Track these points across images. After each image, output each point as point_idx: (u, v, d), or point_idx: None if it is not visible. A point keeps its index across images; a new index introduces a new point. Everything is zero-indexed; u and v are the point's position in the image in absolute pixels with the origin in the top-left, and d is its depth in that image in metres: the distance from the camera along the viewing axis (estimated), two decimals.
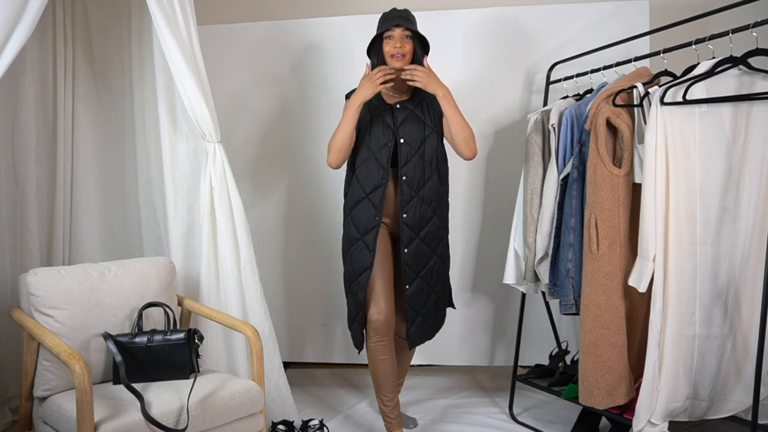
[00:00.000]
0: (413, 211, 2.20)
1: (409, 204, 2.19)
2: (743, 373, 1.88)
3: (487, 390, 2.97)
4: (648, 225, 1.87)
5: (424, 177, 2.20)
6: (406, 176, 2.18)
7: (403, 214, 2.19)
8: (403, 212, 2.19)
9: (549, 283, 2.35)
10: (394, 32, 2.17)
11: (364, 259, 2.21)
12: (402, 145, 2.19)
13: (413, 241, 2.21)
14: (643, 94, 2.00)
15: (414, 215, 2.20)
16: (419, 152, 2.20)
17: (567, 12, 2.90)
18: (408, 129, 2.20)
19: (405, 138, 2.19)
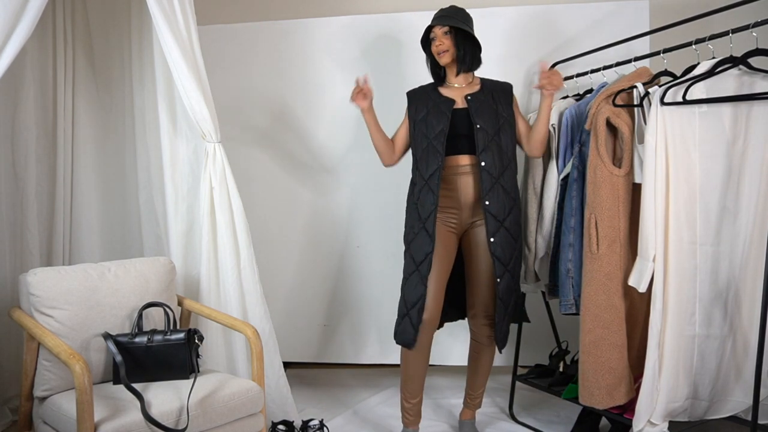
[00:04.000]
0: (496, 198, 2.16)
1: (491, 191, 2.16)
2: (743, 373, 1.88)
3: (487, 390, 2.96)
4: (648, 225, 1.87)
5: (502, 164, 2.19)
6: (484, 162, 2.15)
7: (486, 201, 2.15)
8: (485, 200, 2.15)
9: (549, 283, 2.35)
10: (435, 32, 2.26)
11: (426, 246, 2.17)
12: (479, 131, 2.18)
13: (500, 229, 2.17)
14: (643, 94, 2.00)
15: (497, 202, 2.16)
16: (495, 140, 2.18)
17: (567, 12, 2.90)
18: (485, 116, 2.20)
19: (482, 124, 2.18)
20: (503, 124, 2.22)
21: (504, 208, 2.18)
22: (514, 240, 2.22)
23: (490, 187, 2.16)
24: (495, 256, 2.16)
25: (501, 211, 2.17)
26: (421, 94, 2.34)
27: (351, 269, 3.09)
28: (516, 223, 2.23)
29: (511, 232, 2.20)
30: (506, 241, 2.18)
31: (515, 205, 2.22)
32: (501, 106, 2.25)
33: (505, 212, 2.18)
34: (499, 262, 2.17)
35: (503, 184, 2.18)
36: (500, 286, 2.17)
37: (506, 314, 2.22)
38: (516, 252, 2.23)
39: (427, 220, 2.18)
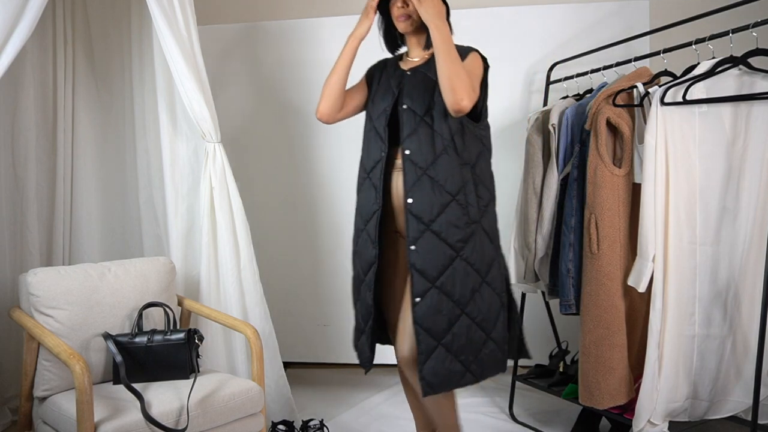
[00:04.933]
0: (420, 194, 1.71)
1: (416, 186, 1.71)
2: (743, 373, 1.88)
3: (487, 390, 2.97)
4: (648, 225, 1.87)
5: (433, 151, 1.71)
6: (409, 150, 1.73)
7: (408, 200, 1.71)
8: (407, 197, 1.71)
9: (549, 283, 2.35)
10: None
11: (368, 253, 1.81)
12: (404, 111, 1.76)
13: (423, 234, 1.70)
14: (644, 94, 2.00)
15: (422, 199, 1.70)
16: (426, 120, 1.73)
17: (567, 12, 2.90)
18: (415, 93, 1.77)
19: (409, 103, 1.76)
20: (439, 100, 1.72)
21: (431, 207, 1.70)
22: (452, 248, 1.70)
23: (415, 180, 1.71)
24: (414, 268, 1.69)
25: (427, 211, 1.70)
26: (382, 65, 1.98)
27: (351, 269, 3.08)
28: (454, 226, 1.70)
29: (444, 237, 1.70)
30: (434, 250, 1.69)
31: (453, 204, 1.71)
32: None
33: (433, 212, 1.70)
34: (420, 276, 1.68)
35: (433, 175, 1.71)
36: (418, 307, 1.68)
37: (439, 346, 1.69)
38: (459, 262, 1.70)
39: (369, 222, 1.81)
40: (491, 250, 1.78)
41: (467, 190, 1.74)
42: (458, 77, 1.63)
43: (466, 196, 1.73)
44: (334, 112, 1.90)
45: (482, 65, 1.81)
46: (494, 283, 1.77)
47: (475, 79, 1.74)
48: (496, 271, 1.78)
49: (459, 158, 1.74)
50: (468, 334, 1.71)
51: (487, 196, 1.81)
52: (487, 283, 1.74)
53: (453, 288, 1.69)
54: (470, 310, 1.71)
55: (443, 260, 1.69)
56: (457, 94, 1.61)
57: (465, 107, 1.61)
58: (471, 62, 1.77)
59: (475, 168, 1.77)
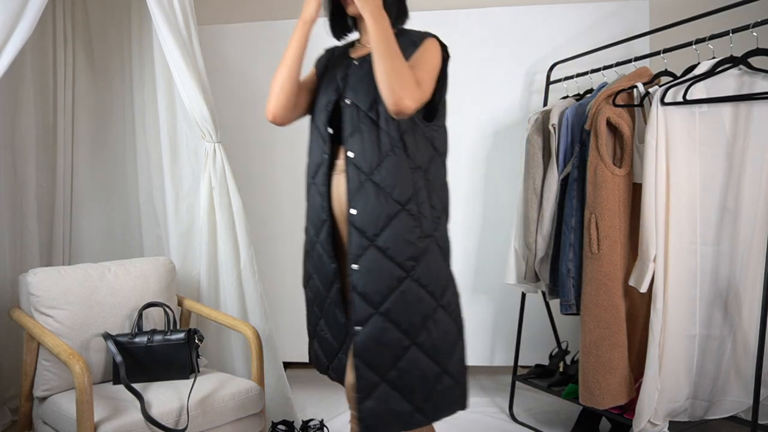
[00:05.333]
0: (364, 203, 1.44)
1: (359, 193, 1.45)
2: (743, 373, 1.88)
3: (487, 390, 2.97)
4: (648, 225, 1.87)
5: (379, 153, 1.45)
6: (353, 152, 1.47)
7: (351, 210, 1.46)
8: (350, 207, 1.46)
9: (549, 283, 2.35)
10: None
11: (327, 268, 1.55)
12: (347, 107, 1.50)
13: (366, 250, 1.44)
14: (644, 94, 2.00)
15: (366, 209, 1.44)
16: (371, 116, 1.47)
17: (567, 12, 2.90)
18: (360, 86, 1.51)
19: (352, 97, 1.50)
20: None
21: (376, 218, 1.43)
22: (401, 267, 1.43)
23: (358, 187, 1.46)
24: (356, 291, 1.43)
25: (371, 223, 1.43)
26: (330, 53, 1.73)
27: None
28: (403, 241, 1.43)
29: (390, 254, 1.43)
30: (379, 269, 1.42)
31: (402, 214, 1.44)
32: None
33: (378, 224, 1.43)
34: (362, 301, 1.42)
35: (378, 181, 1.44)
36: (359, 337, 1.43)
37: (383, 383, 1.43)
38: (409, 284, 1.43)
39: (320, 232, 1.56)
40: (446, 269, 1.53)
41: (419, 198, 1.47)
42: (396, 74, 1.38)
43: (419, 205, 1.46)
44: (286, 111, 1.62)
45: (440, 54, 1.54)
46: (450, 307, 1.50)
47: (429, 72, 1.48)
48: (451, 293, 1.52)
49: (409, 160, 1.47)
50: (418, 368, 1.43)
51: (440, 207, 1.55)
52: (443, 307, 1.48)
53: (401, 315, 1.42)
54: (422, 340, 1.43)
55: (389, 282, 1.42)
56: (396, 93, 1.36)
57: (406, 108, 1.37)
58: (425, 52, 1.51)
59: (428, 173, 1.51)
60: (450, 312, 1.50)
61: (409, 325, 1.43)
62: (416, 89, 1.39)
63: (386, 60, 1.39)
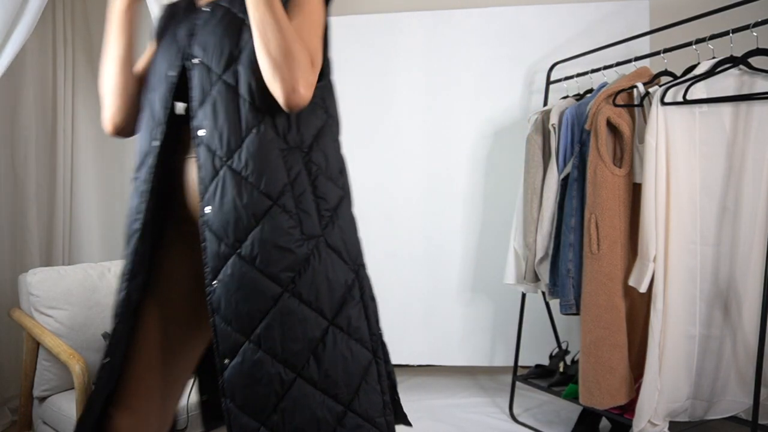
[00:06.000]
0: (221, 198, 1.09)
1: (212, 186, 1.10)
2: (743, 373, 1.88)
3: (487, 390, 2.97)
4: (648, 225, 1.87)
5: (239, 129, 1.10)
6: (204, 130, 1.11)
7: (205, 208, 1.10)
8: (204, 204, 1.11)
9: (549, 283, 2.35)
10: None
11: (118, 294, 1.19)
12: (194, 68, 1.14)
13: (228, 260, 1.09)
14: (644, 94, 2.00)
15: (223, 208, 1.09)
16: (227, 80, 1.11)
17: (567, 12, 2.90)
18: (211, 40, 1.14)
19: (201, 56, 1.14)
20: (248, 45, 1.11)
21: (237, 219, 1.09)
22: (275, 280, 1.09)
23: (211, 177, 1.11)
24: (218, 314, 1.09)
25: (230, 226, 1.09)
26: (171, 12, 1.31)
27: None
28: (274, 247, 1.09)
29: (259, 264, 1.08)
30: (247, 285, 1.08)
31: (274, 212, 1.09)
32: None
33: (240, 227, 1.09)
34: (228, 326, 1.09)
35: (238, 168, 1.09)
36: (227, 373, 1.09)
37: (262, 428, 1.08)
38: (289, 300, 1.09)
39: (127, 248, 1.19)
40: (344, 275, 1.16)
41: (298, 189, 1.12)
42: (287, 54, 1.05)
43: (297, 199, 1.12)
44: (129, 117, 1.26)
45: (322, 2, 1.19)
46: (351, 326, 1.16)
47: (319, 36, 1.15)
48: (353, 306, 1.17)
49: (281, 139, 1.12)
50: (308, 407, 1.10)
51: (334, 195, 1.19)
52: (339, 328, 1.14)
53: (279, 342, 1.09)
54: (309, 372, 1.10)
55: (262, 301, 1.08)
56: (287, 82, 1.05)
57: (302, 100, 1.07)
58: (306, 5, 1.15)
59: (311, 153, 1.16)
60: (351, 332, 1.15)
61: (291, 353, 1.09)
62: (311, 71, 1.09)
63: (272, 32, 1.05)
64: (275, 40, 1.05)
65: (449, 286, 2.99)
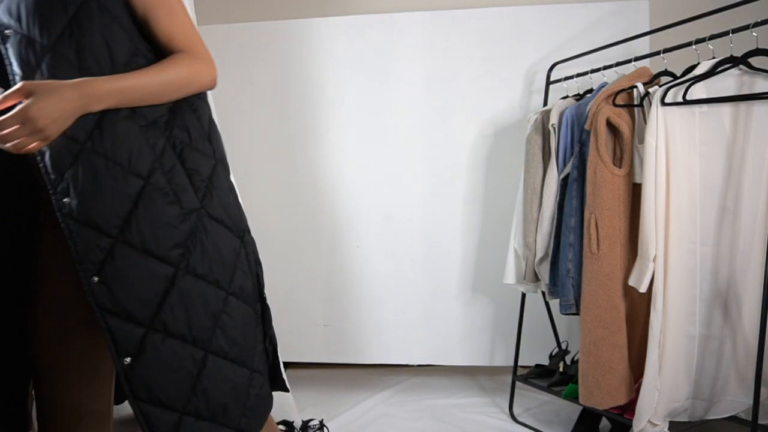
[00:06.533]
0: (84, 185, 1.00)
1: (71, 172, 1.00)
2: (743, 373, 1.88)
3: (487, 390, 2.97)
4: (648, 225, 1.87)
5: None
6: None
7: (62, 199, 1.00)
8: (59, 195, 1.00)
9: (549, 283, 2.35)
10: None
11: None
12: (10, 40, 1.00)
13: (112, 250, 1.01)
14: (644, 94, 2.00)
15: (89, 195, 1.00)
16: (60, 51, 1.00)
17: (567, 12, 2.90)
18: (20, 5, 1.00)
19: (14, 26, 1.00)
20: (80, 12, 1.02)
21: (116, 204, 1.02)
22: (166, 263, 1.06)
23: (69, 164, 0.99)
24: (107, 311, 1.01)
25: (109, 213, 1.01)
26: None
27: (351, 269, 3.09)
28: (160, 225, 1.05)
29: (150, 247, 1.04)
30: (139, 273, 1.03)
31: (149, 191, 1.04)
32: None
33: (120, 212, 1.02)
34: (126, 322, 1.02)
35: (105, 149, 1.01)
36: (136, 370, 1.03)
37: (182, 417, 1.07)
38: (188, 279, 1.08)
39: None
40: (231, 243, 1.16)
41: (166, 164, 1.06)
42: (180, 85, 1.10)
43: (168, 175, 1.06)
44: None
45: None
46: (244, 292, 1.18)
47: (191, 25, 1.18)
48: (242, 272, 1.18)
49: (138, 116, 1.05)
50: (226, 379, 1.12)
51: (206, 165, 1.14)
52: (234, 295, 1.15)
53: (183, 323, 1.06)
54: (217, 345, 1.11)
55: (157, 285, 1.04)
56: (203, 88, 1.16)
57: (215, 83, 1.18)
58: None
59: (172, 127, 1.09)
60: (244, 298, 1.17)
61: (197, 331, 1.07)
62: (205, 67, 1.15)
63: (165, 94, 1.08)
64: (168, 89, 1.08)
65: (449, 286, 2.99)
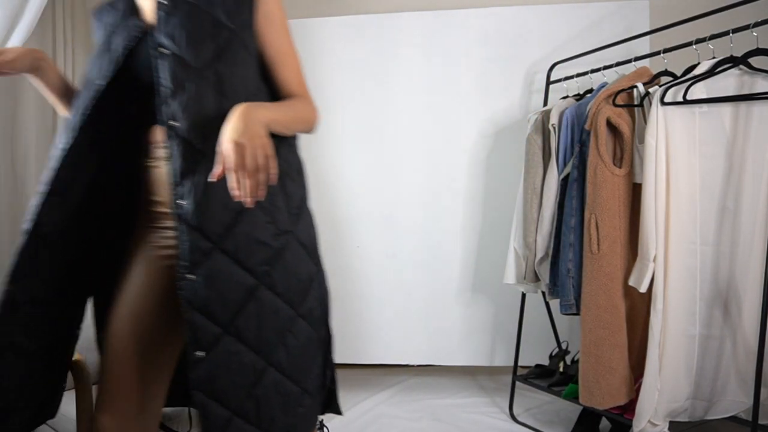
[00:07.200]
0: (201, 193, 1.10)
1: (191, 179, 1.10)
2: (743, 373, 1.88)
3: (487, 390, 2.97)
4: (648, 225, 1.87)
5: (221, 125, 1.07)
6: (177, 121, 1.10)
7: (178, 201, 1.10)
8: (177, 196, 1.10)
9: (549, 283, 2.35)
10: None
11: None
12: (166, 58, 1.13)
13: (210, 255, 1.11)
14: (644, 94, 2.00)
15: (202, 202, 1.10)
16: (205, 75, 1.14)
17: (567, 12, 2.90)
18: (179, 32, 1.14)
19: (172, 48, 1.13)
20: (226, 45, 1.17)
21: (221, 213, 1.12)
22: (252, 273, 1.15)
23: (188, 169, 1.10)
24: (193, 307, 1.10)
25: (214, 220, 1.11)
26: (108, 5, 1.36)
27: (351, 269, 3.09)
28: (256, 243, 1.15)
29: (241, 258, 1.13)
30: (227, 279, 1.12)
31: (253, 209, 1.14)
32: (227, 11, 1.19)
33: (224, 221, 1.12)
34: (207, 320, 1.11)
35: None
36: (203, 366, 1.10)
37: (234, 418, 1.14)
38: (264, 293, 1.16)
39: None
40: (309, 268, 1.27)
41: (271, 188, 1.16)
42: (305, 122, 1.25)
43: (271, 197, 1.16)
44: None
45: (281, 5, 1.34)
46: (312, 315, 1.26)
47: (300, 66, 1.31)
48: (314, 297, 1.27)
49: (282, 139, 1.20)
50: (278, 392, 1.18)
51: (299, 193, 1.27)
52: (303, 317, 1.23)
53: (253, 332, 1.14)
54: (278, 359, 1.18)
55: (240, 293, 1.13)
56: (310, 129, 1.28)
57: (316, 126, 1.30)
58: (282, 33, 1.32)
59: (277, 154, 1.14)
60: (311, 321, 1.25)
61: (264, 342, 1.16)
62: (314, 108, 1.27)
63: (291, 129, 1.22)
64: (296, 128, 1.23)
65: (449, 286, 2.99)
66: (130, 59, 1.20)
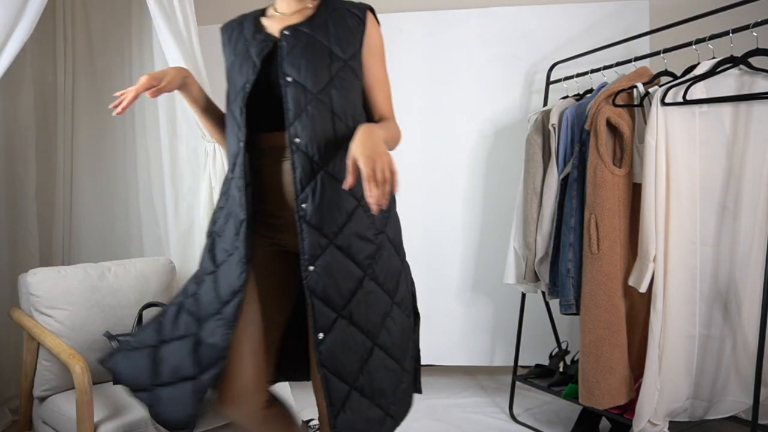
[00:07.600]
0: (319, 197, 1.32)
1: (311, 186, 1.32)
2: (743, 373, 1.88)
3: (487, 390, 2.97)
4: (648, 225, 1.87)
5: (335, 142, 1.34)
6: (300, 138, 1.32)
7: (301, 204, 1.31)
8: (300, 201, 1.31)
9: (549, 283, 2.35)
10: None
11: (232, 276, 1.35)
12: (290, 86, 1.34)
13: (326, 249, 1.32)
14: (644, 94, 2.00)
15: (320, 205, 1.32)
16: (322, 99, 1.34)
17: (567, 12, 2.90)
18: (300, 61, 1.35)
19: (295, 76, 1.34)
20: (339, 72, 1.38)
21: (336, 214, 1.33)
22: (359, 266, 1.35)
23: (308, 179, 1.32)
24: (315, 294, 1.30)
25: (330, 220, 1.32)
26: (237, 28, 1.50)
27: None
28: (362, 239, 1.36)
29: (351, 253, 1.34)
30: (340, 269, 1.33)
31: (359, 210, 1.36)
32: (340, 43, 1.39)
33: (338, 221, 1.33)
34: (324, 305, 1.31)
35: (334, 173, 1.33)
36: (323, 346, 1.31)
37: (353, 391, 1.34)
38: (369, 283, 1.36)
39: (237, 236, 1.36)
40: (398, 264, 1.47)
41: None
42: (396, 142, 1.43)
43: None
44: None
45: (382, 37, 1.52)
46: (403, 304, 1.46)
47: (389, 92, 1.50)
48: (404, 289, 1.48)
49: None
50: (386, 369, 1.39)
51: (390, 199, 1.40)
52: (397, 305, 1.43)
53: (363, 316, 1.35)
54: (382, 340, 1.38)
55: (351, 283, 1.34)
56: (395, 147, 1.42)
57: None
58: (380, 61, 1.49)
59: None
60: (403, 309, 1.47)
61: (371, 325, 1.36)
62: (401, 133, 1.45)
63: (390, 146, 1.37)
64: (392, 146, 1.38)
65: (449, 286, 2.99)
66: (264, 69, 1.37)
